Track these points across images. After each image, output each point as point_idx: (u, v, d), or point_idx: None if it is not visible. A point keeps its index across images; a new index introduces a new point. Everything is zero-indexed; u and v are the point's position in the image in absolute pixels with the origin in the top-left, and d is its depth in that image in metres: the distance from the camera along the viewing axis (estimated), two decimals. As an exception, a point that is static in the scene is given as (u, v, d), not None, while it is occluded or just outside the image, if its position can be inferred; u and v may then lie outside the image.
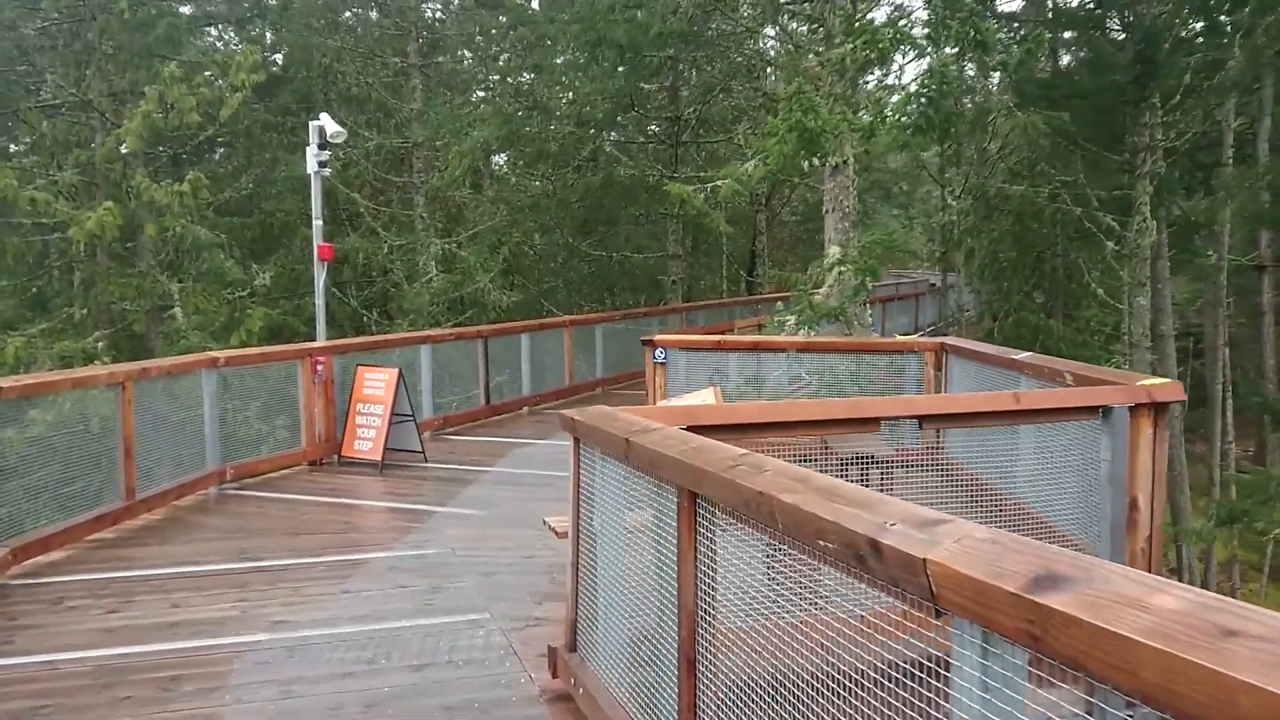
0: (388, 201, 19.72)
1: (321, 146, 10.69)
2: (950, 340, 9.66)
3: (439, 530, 7.75)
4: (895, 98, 10.37)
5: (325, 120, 10.54)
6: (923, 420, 4.84)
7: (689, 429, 4.22)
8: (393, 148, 19.42)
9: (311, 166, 10.83)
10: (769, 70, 23.67)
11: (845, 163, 13.97)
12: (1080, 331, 23.50)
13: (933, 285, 38.13)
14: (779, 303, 12.34)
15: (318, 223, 11.02)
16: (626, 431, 3.62)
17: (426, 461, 10.47)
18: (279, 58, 24.80)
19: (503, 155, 30.68)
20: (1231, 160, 22.40)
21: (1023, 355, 7.62)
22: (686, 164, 23.06)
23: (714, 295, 30.98)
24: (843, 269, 11.95)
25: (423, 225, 18.06)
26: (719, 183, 11.37)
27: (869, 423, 4.74)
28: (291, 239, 20.06)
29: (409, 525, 7.95)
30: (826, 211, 14.53)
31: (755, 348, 10.38)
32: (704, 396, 8.84)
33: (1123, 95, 17.94)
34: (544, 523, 5.80)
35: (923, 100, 9.75)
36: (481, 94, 25.25)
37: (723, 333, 13.95)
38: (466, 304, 19.59)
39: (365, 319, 18.52)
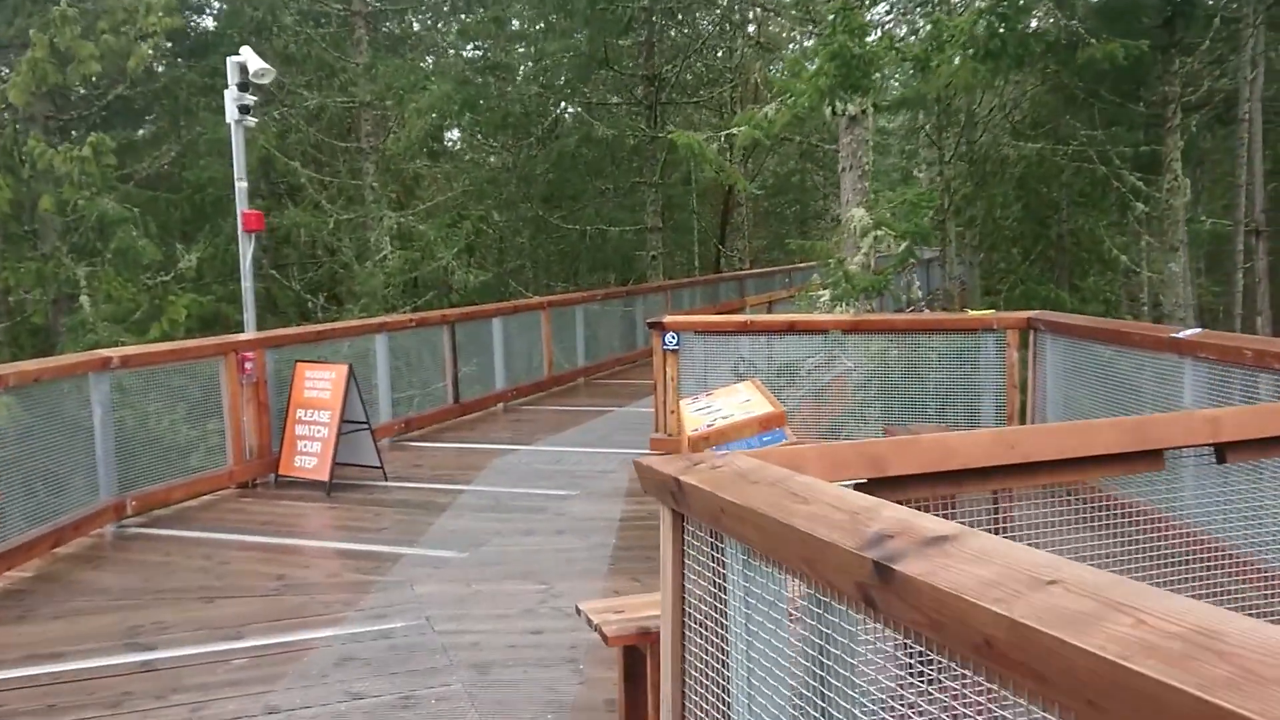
0: (334, 172, 17.49)
1: (242, 87, 8.52)
2: (1043, 315, 7.76)
3: (407, 587, 5.71)
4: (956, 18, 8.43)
5: (247, 55, 8.37)
6: (1226, 451, 2.87)
7: (875, 481, 2.35)
8: (337, 110, 17.17)
9: (231, 114, 8.66)
10: (756, 11, 21.60)
11: (864, 113, 12.06)
12: (1086, 301, 21.87)
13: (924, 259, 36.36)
14: (815, 275, 10.37)
15: (241, 184, 8.86)
16: (860, 544, 1.61)
17: (386, 480, 8.41)
18: (210, 19, 22.39)
19: (457, 131, 28.48)
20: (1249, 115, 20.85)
21: (1188, 332, 5.72)
22: (667, 127, 21.00)
23: (684, 273, 29.01)
24: (879, 234, 10.02)
25: (373, 197, 15.90)
26: (735, 130, 9.39)
27: (1151, 458, 2.78)
28: (225, 216, 17.66)
29: (366, 579, 5.90)
30: (843, 169, 12.61)
31: (790, 329, 8.42)
32: (743, 395, 6.87)
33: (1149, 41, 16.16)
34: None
35: (994, 18, 7.82)
36: (433, 60, 22.98)
37: (732, 312, 11.98)
38: (426, 285, 17.45)
39: (311, 305, 16.35)
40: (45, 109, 14.28)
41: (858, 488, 2.46)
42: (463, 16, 22.50)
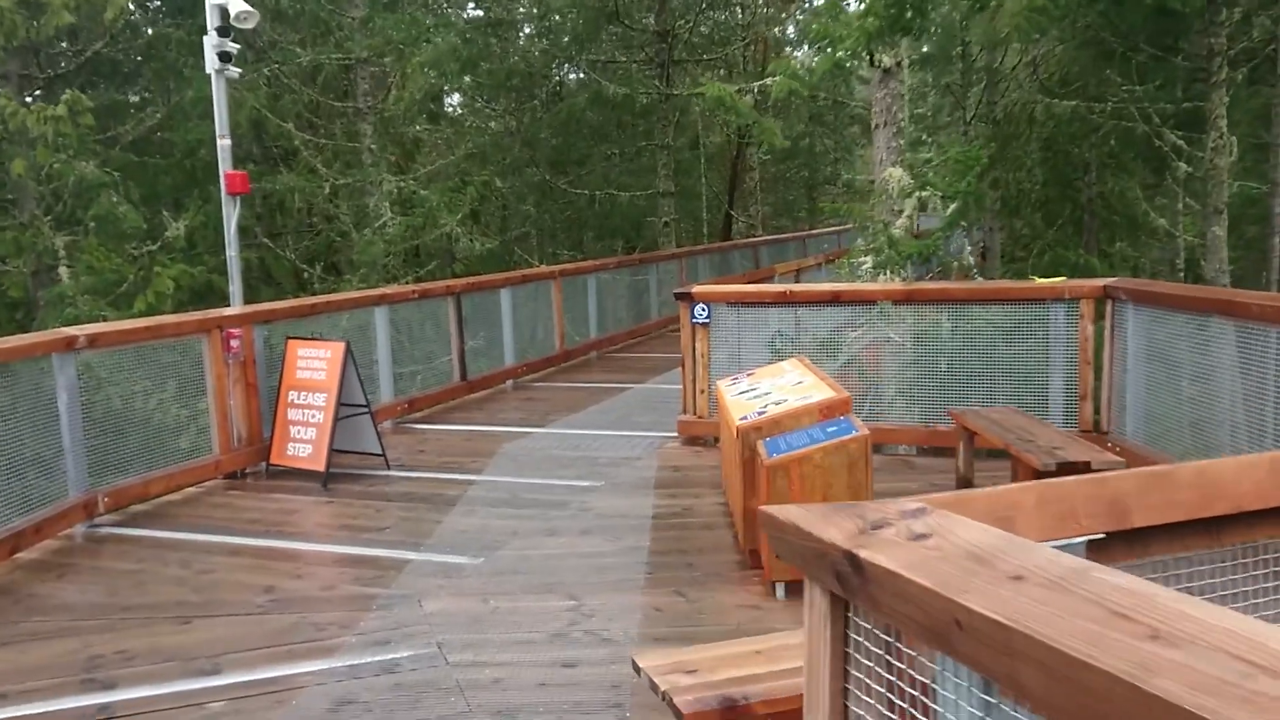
0: (330, 134, 16.57)
1: (223, 33, 7.63)
2: (1124, 282, 6.92)
3: (414, 603, 4.93)
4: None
5: (228, -5, 7.47)
6: None
7: (1115, 535, 1.51)
8: (333, 69, 16.23)
9: (211, 62, 7.78)
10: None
11: (900, 65, 11.19)
12: (1115, 268, 20.96)
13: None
14: (859, 240, 9.51)
15: (223, 142, 7.99)
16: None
17: (389, 468, 7.62)
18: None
19: (457, 96, 27.47)
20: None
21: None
22: (680, 87, 20.03)
23: (693, 240, 28.08)
24: (923, 194, 9.15)
25: (372, 160, 15.01)
26: (770, 80, 8.50)
27: None
28: (217, 182, 16.81)
29: (367, 593, 5.12)
30: (876, 126, 11.76)
31: (835, 299, 7.57)
32: (792, 375, 6.06)
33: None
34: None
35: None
36: (431, 19, 21.94)
37: (760, 281, 11.13)
38: (428, 254, 16.59)
39: (307, 275, 15.50)
40: (18, 66, 13.35)
41: (1092, 546, 1.65)
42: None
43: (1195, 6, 12.95)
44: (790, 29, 29.52)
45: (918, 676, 1.40)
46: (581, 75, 24.61)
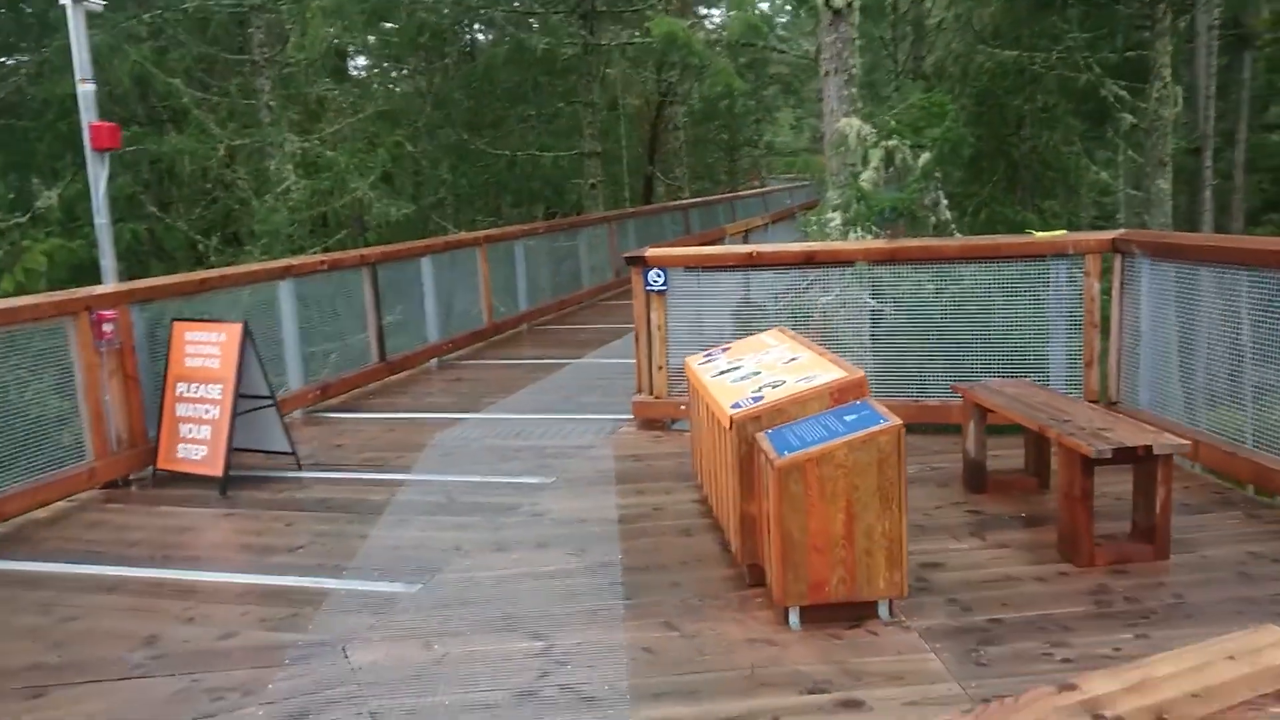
0: (223, 92, 15.06)
1: (78, -47, 6.34)
2: (1135, 234, 6.17)
3: (338, 654, 3.91)
4: None
5: (82, -91, 6.18)
6: None
7: None
8: (224, 18, 14.70)
9: (66, -9, 6.48)
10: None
11: (850, 5, 10.32)
12: (1049, 225, 20.57)
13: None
14: (830, 194, 8.61)
15: (85, 87, 6.70)
16: None
17: (301, 469, 6.53)
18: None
19: (362, 59, 25.82)
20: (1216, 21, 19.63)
21: None
22: (606, 38, 18.86)
23: (615, 204, 27.01)
24: (890, 144, 8.31)
25: (271, 118, 13.63)
26: (730, 14, 7.52)
27: None
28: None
29: (277, 641, 4.07)
30: (826, 74, 10.85)
31: (809, 261, 6.68)
32: (778, 349, 5.17)
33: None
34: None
35: None
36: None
37: (710, 244, 10.20)
38: (338, 222, 15.26)
39: (203, 248, 14.07)
40: None
41: None
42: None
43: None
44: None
45: None
46: (493, 36, 23.26)
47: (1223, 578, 4.15)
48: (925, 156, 7.97)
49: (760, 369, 4.88)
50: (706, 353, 5.74)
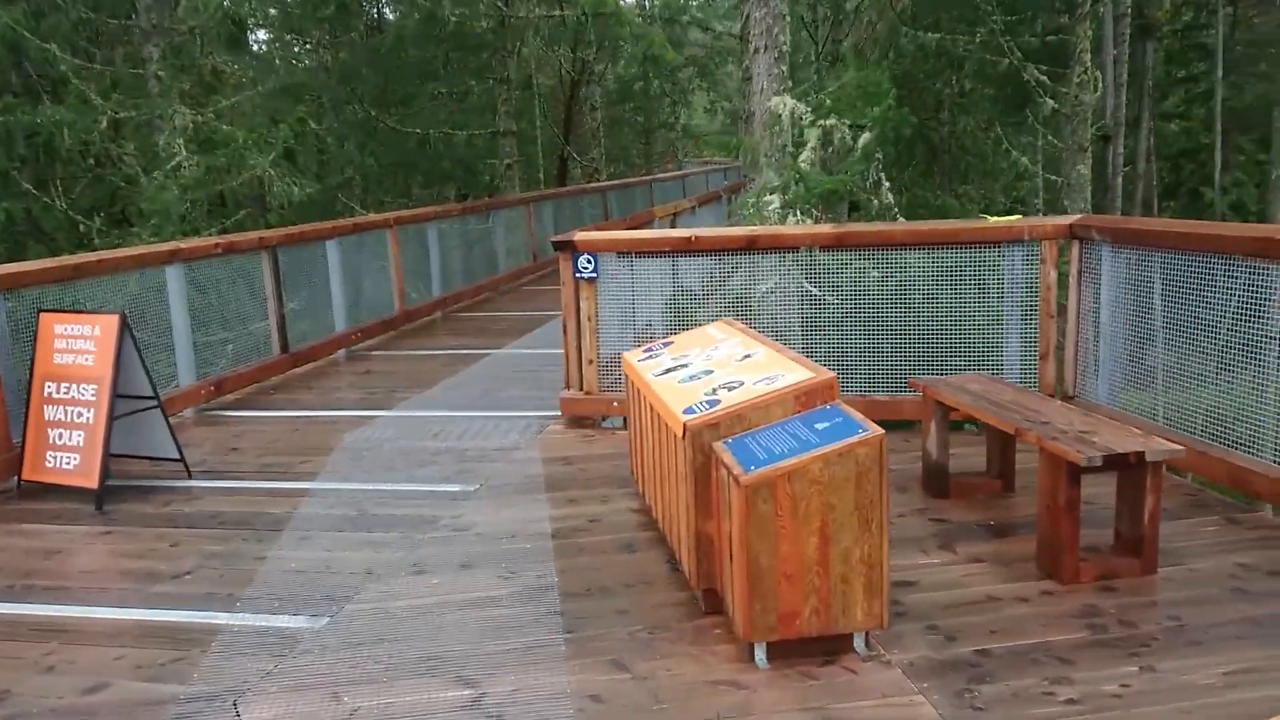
0: (107, 61, 13.93)
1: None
2: (1092, 219, 5.86)
3: (227, 711, 3.31)
4: None
5: None
6: None
7: None
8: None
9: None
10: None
11: (781, -21, 9.93)
12: (966, 210, 20.59)
13: (744, 177, 34.29)
14: (769, 174, 8.15)
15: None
16: None
17: (190, 477, 5.83)
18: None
19: (263, 33, 24.55)
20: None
21: None
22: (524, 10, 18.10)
23: (527, 186, 26.25)
24: (828, 123, 7.89)
25: (160, 89, 12.61)
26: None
27: None
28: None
29: (155, 695, 3.45)
30: (756, 50, 10.47)
31: (751, 245, 6.21)
32: (729, 344, 4.71)
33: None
34: None
35: None
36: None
37: (639, 227, 9.67)
38: (237, 202, 14.31)
39: (85, 229, 12.99)
40: None
41: None
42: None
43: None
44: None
45: None
46: (402, 9, 22.26)
47: (1217, 595, 3.82)
48: (865, 137, 7.59)
49: (712, 367, 4.39)
50: (646, 348, 5.23)
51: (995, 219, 6.19)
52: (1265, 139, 30.69)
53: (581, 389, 6.72)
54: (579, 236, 6.63)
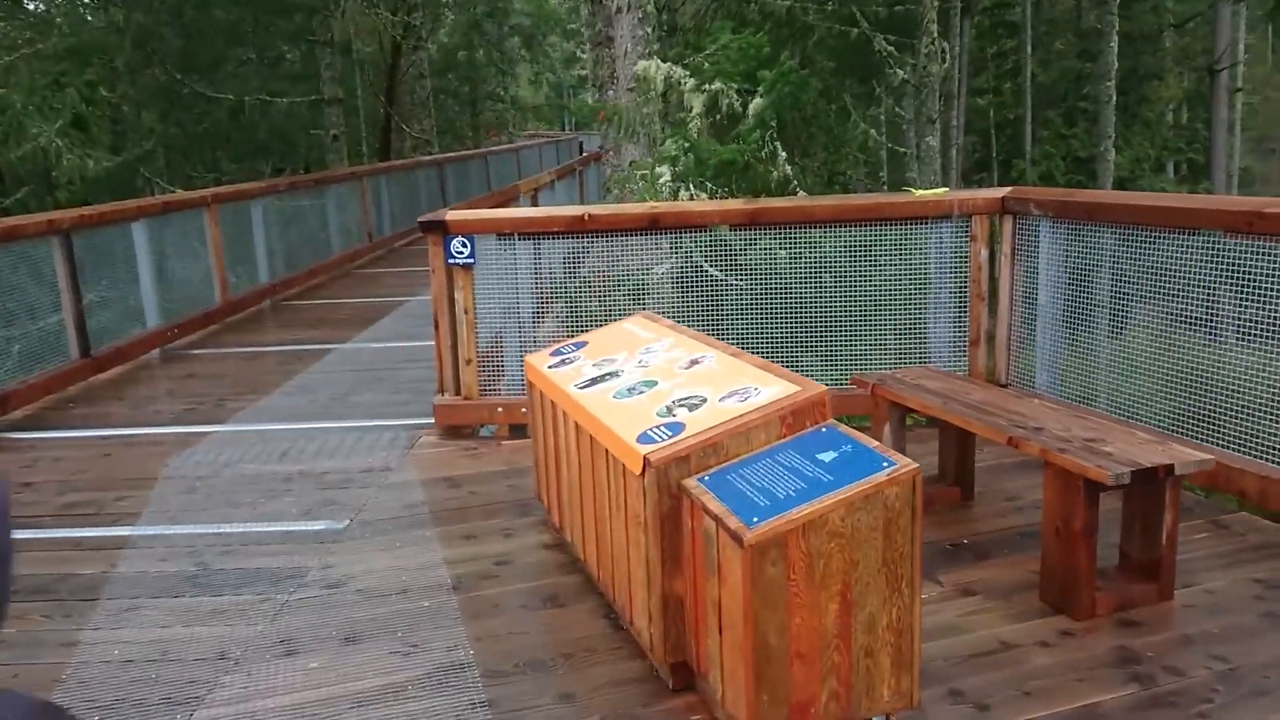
0: None
1: None
2: (1028, 191, 5.38)
3: None
4: None
5: None
6: None
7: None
8: None
9: None
10: None
11: (648, -67, 9.18)
12: (812, 183, 20.43)
13: (602, 149, 33.27)
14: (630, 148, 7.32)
15: None
16: None
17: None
18: None
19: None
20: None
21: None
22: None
23: (354, 160, 24.54)
24: (713, 87, 7.17)
25: (-86, 45, 10.64)
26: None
27: None
28: None
29: None
30: (619, 10, 9.71)
31: (653, 224, 5.44)
32: (663, 343, 3.93)
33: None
34: None
35: None
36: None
37: (505, 203, 8.68)
38: (16, 178, 12.41)
39: None
40: None
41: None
42: None
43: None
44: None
45: None
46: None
47: (1253, 626, 3.32)
48: (758, 102, 6.92)
49: (653, 377, 3.58)
50: (554, 349, 4.36)
51: (921, 192, 5.63)
52: (1069, 114, 32.28)
53: (459, 393, 5.78)
54: (451, 216, 5.66)
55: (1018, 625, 3.40)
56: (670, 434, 3.05)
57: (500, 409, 5.70)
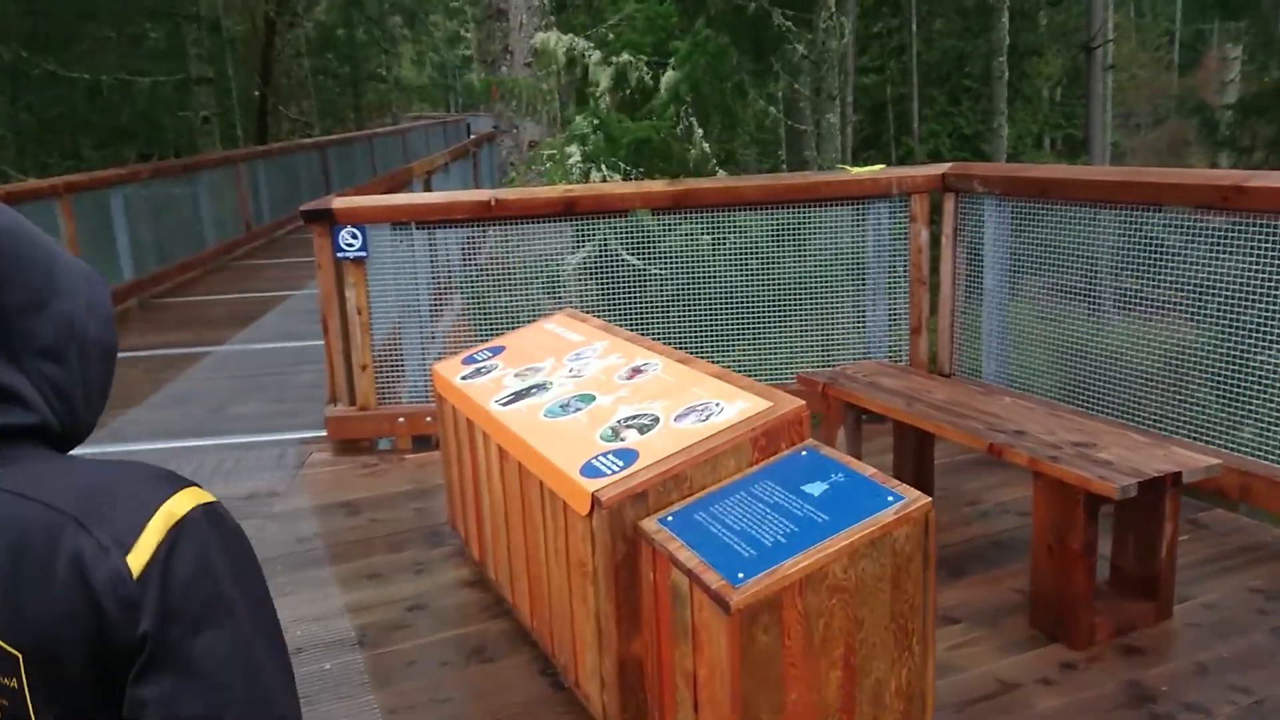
0: None
1: None
2: (971, 167, 5.03)
3: None
4: None
5: None
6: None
7: None
8: None
9: None
10: None
11: (537, -105, 8.59)
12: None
13: (496, 129, 32.14)
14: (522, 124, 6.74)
15: None
16: None
17: None
18: None
19: None
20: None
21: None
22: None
23: (229, 143, 23.15)
24: (621, 59, 6.65)
25: None
26: None
27: None
28: None
29: None
30: (512, -18, 9.04)
31: (569, 209, 4.91)
32: (590, 348, 3.43)
33: None
34: None
35: None
36: None
37: (397, 188, 7.98)
38: None
39: None
40: None
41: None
42: None
43: None
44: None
45: None
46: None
47: (1264, 645, 3.01)
48: (671, 75, 6.45)
49: (591, 390, 3.06)
50: (466, 356, 3.80)
51: (857, 170, 5.22)
52: (953, 92, 32.78)
53: (354, 403, 5.15)
54: (339, 203, 5.01)
55: (1013, 659, 3.01)
56: (621, 464, 2.54)
57: (402, 419, 5.10)
